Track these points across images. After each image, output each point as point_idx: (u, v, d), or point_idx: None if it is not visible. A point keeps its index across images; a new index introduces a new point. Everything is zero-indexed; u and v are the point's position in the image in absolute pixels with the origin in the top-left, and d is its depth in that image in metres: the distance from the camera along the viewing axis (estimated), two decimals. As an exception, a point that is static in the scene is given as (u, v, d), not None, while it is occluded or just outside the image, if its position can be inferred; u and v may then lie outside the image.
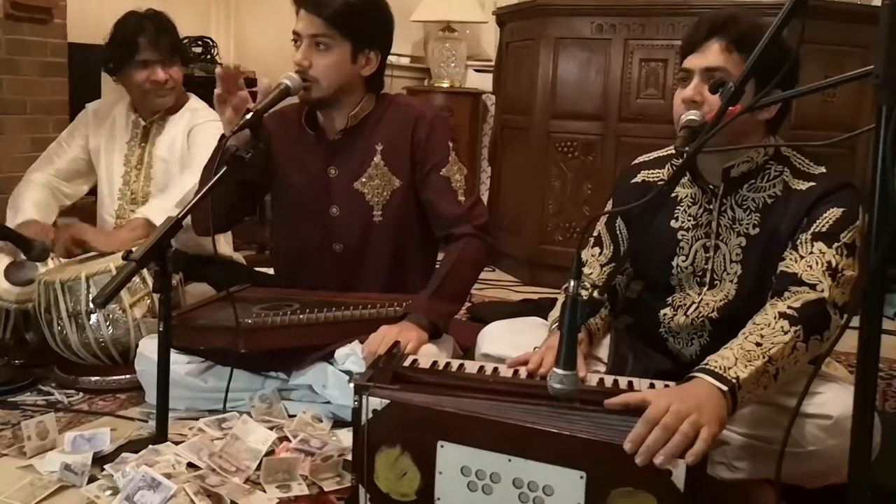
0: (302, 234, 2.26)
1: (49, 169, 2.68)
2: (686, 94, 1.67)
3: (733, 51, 1.64)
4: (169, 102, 2.60)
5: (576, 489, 1.36)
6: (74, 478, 1.69)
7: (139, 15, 2.57)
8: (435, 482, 1.44)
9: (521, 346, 1.77)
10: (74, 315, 2.21)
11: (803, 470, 1.56)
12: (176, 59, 2.58)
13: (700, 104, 1.64)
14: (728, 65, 1.64)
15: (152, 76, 2.53)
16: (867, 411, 1.06)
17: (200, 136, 2.55)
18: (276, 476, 1.71)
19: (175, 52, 2.58)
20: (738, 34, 1.64)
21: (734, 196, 1.73)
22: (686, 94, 1.67)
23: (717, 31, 1.66)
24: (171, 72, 2.56)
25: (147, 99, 2.60)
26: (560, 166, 3.82)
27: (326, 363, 2.04)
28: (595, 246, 1.95)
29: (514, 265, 4.10)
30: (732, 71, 1.61)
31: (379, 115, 2.20)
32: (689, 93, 1.67)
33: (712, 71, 1.64)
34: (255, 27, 4.88)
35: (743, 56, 1.63)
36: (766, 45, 1.22)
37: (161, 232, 1.74)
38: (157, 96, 2.58)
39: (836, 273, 1.57)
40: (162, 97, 2.58)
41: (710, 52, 1.66)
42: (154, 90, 2.56)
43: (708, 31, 1.67)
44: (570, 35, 3.74)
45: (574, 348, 1.39)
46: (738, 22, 1.66)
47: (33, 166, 2.72)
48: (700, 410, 1.33)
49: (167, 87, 2.57)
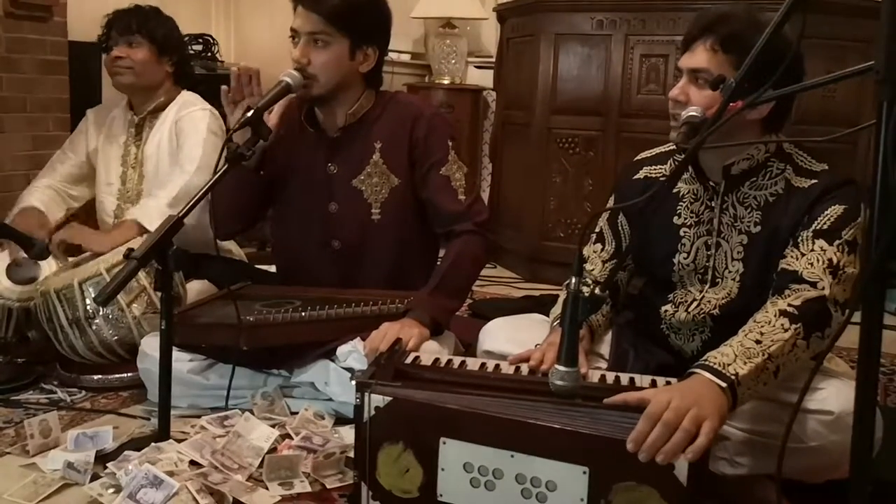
0: (302, 231, 2.26)
1: (54, 175, 2.70)
2: (672, 94, 1.69)
3: (718, 51, 1.63)
4: (126, 81, 2.56)
5: (579, 484, 1.36)
6: (77, 476, 1.69)
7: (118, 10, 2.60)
8: (437, 478, 1.44)
9: (523, 343, 1.77)
10: (75, 321, 2.21)
11: (804, 465, 1.56)
12: (141, 41, 2.55)
13: (685, 103, 1.65)
14: (711, 66, 1.62)
15: (112, 53, 2.55)
16: (868, 407, 1.06)
17: (184, 124, 2.54)
18: (279, 473, 1.71)
19: (139, 33, 2.55)
20: (725, 34, 1.62)
21: (736, 193, 1.72)
22: (672, 94, 1.69)
23: (707, 31, 1.65)
24: (131, 52, 2.54)
25: (113, 82, 2.61)
26: (561, 162, 3.82)
27: (328, 360, 2.05)
28: (597, 242, 1.95)
29: (516, 261, 4.11)
30: (715, 72, 1.60)
31: (378, 112, 2.20)
32: (674, 91, 1.69)
33: (697, 71, 1.64)
34: (255, 24, 4.88)
35: (729, 57, 1.61)
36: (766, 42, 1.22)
37: (162, 230, 1.74)
38: (112, 74, 2.58)
39: (837, 270, 1.57)
40: (117, 75, 2.56)
41: (697, 52, 1.66)
42: (110, 69, 2.57)
43: (699, 30, 1.66)
44: (571, 31, 3.74)
45: (575, 345, 1.40)
46: (727, 21, 1.64)
47: (38, 175, 2.74)
48: (700, 405, 1.33)
49: (121, 65, 2.54)
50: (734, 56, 1.60)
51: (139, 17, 2.58)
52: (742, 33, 1.59)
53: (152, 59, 2.58)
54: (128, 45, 2.55)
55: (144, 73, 2.57)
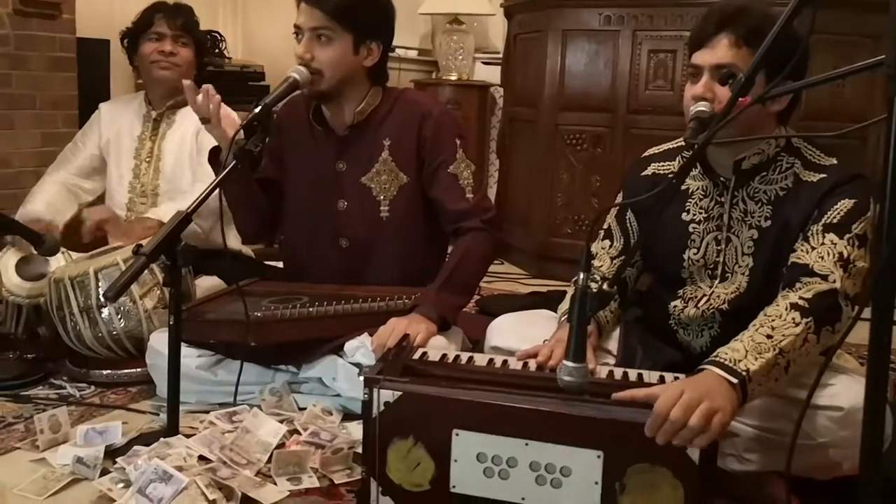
0: (310, 229, 2.26)
1: (67, 168, 2.72)
2: (696, 92, 1.64)
3: (742, 46, 1.61)
4: (170, 77, 2.60)
5: (593, 468, 1.38)
6: (87, 471, 1.70)
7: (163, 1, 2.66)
8: (450, 471, 1.45)
9: (531, 339, 1.77)
10: (86, 310, 2.22)
11: (814, 462, 1.56)
12: (188, 41, 2.63)
13: (711, 101, 1.62)
14: (737, 60, 1.60)
15: (160, 47, 2.58)
16: (878, 403, 1.06)
17: (208, 141, 2.56)
18: (287, 469, 1.72)
19: (188, 33, 2.62)
20: (747, 28, 1.60)
21: (746, 188, 1.72)
22: (696, 92, 1.64)
23: (726, 25, 1.62)
24: (180, 49, 2.60)
25: (151, 73, 2.63)
26: (568, 159, 3.82)
27: (336, 356, 2.05)
28: (605, 238, 1.94)
29: (523, 258, 4.10)
30: (742, 67, 1.57)
31: (386, 109, 2.20)
32: (699, 90, 1.64)
33: (721, 67, 1.62)
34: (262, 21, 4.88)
35: (752, 51, 1.59)
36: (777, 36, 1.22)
37: (170, 227, 1.74)
38: (159, 68, 2.61)
39: (847, 264, 1.57)
40: (164, 69, 2.60)
41: (719, 47, 1.63)
42: (158, 62, 2.60)
43: (716, 26, 1.63)
44: (579, 27, 3.73)
45: (583, 341, 1.40)
46: (748, 15, 1.62)
47: (50, 168, 2.76)
48: (711, 399, 1.34)
49: (171, 61, 2.59)
50: (757, 50, 1.59)
51: (187, 15, 2.64)
52: (762, 27, 1.56)
53: (193, 61, 2.65)
54: (177, 42, 2.59)
55: (186, 73, 2.62)
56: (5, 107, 3.20)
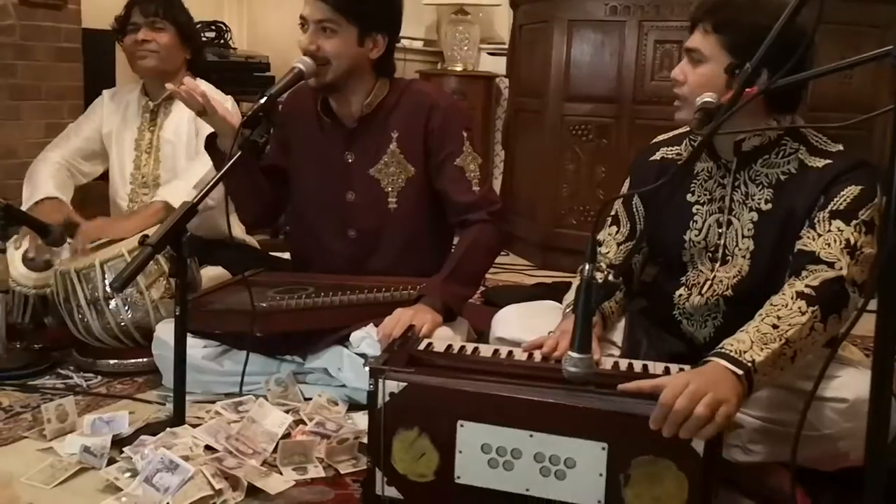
0: (318, 220, 2.27)
1: (67, 146, 2.71)
2: (672, 73, 1.75)
3: (711, 33, 1.65)
4: (151, 65, 2.58)
5: (598, 460, 1.38)
6: (94, 460, 1.71)
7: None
8: (455, 461, 1.45)
9: (536, 330, 1.77)
10: (93, 301, 2.23)
11: (819, 453, 1.56)
12: (164, 25, 2.58)
13: (683, 83, 1.70)
14: (701, 46, 1.66)
15: (136, 37, 2.56)
16: (883, 394, 1.06)
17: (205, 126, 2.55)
18: (293, 458, 1.72)
19: (165, 17, 2.58)
20: (719, 16, 1.64)
21: (747, 171, 1.72)
22: (672, 73, 1.75)
23: (703, 14, 1.68)
24: (157, 35, 2.57)
25: (134, 65, 2.62)
26: (574, 149, 3.81)
27: (341, 346, 2.05)
28: (612, 224, 1.94)
29: (529, 249, 4.10)
30: (704, 52, 1.65)
31: (394, 101, 2.19)
32: (674, 71, 1.74)
33: (690, 51, 1.69)
34: (267, 11, 4.87)
35: (719, 37, 1.64)
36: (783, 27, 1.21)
37: (176, 217, 1.75)
38: (137, 58, 2.59)
39: (854, 251, 1.56)
40: (142, 58, 2.58)
41: (695, 33, 1.70)
42: (135, 52, 2.58)
43: (697, 14, 1.70)
44: (584, 17, 3.71)
45: (589, 332, 1.40)
46: (724, 5, 1.66)
47: (50, 145, 2.74)
48: (716, 389, 1.34)
49: (147, 48, 2.56)
50: (724, 36, 1.63)
51: (163, 1, 2.60)
52: (736, 14, 1.62)
53: (176, 44, 2.61)
54: (152, 28, 2.57)
55: (168, 58, 2.59)
56: (11, 97, 3.21)
